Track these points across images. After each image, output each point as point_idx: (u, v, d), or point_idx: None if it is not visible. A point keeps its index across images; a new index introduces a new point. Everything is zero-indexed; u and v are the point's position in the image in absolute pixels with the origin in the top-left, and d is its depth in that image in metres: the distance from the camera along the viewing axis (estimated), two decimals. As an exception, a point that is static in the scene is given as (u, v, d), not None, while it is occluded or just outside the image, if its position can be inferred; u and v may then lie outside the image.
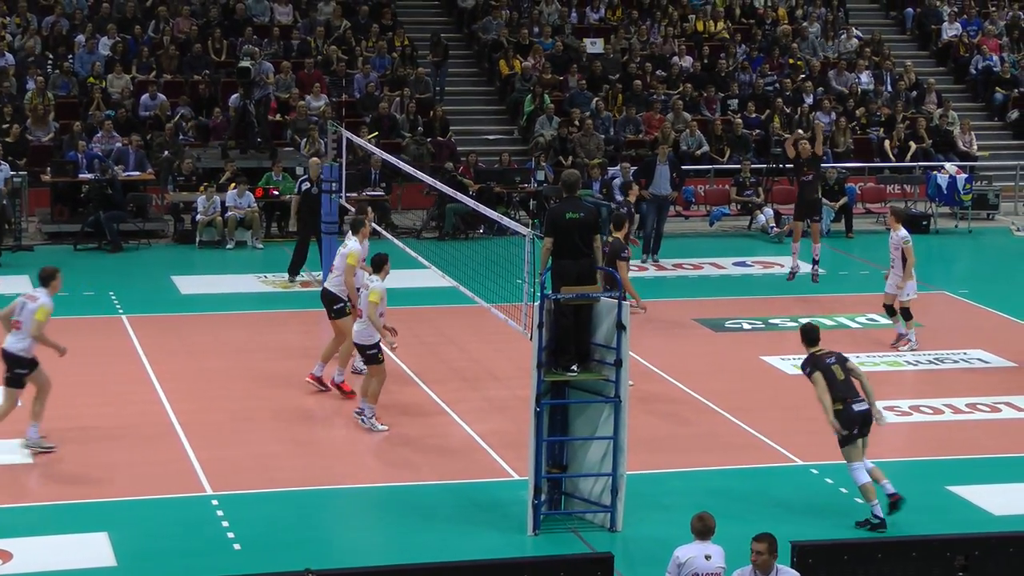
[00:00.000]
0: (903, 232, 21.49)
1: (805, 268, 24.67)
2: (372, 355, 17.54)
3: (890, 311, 21.87)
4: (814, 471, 16.73)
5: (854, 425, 15.06)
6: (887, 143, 34.44)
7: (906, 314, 21.60)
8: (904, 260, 21.35)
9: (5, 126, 30.09)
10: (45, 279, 16.83)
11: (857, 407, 15.09)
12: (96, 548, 14.32)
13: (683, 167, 30.21)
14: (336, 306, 18.79)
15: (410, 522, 15.15)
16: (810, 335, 15.66)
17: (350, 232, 19.14)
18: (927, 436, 18.38)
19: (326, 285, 19.16)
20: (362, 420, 17.69)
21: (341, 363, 18.96)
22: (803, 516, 15.44)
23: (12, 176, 28.12)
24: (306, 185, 25.06)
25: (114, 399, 18.94)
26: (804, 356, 15.67)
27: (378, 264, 17.59)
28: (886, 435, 17.76)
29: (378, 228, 25.81)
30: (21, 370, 16.71)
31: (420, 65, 34.95)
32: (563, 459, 15.32)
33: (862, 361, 20.91)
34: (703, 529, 12.02)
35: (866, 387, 15.30)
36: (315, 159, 25.92)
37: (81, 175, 28.86)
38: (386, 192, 30.15)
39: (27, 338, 16.58)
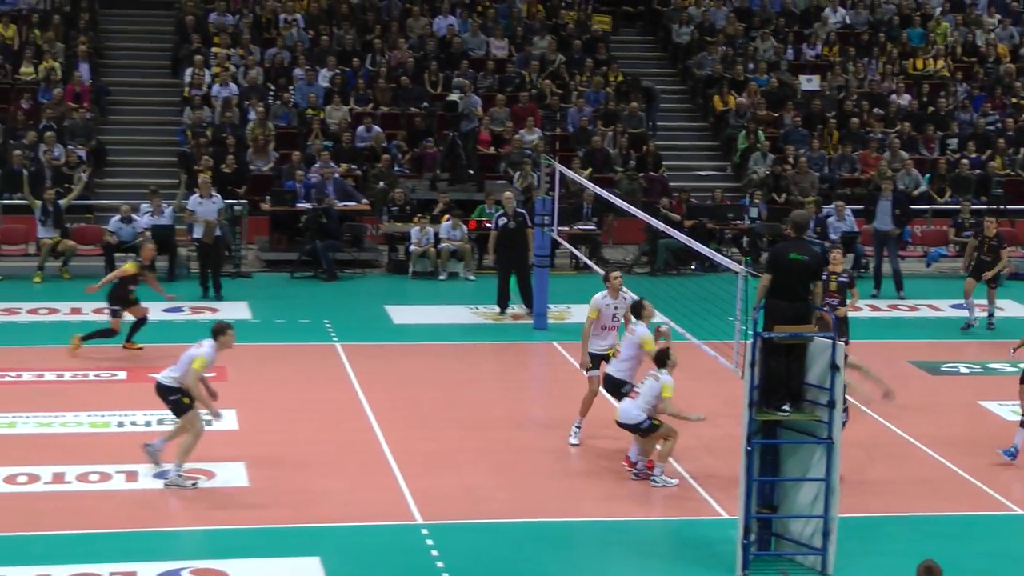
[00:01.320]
0: None
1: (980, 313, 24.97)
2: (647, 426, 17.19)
3: None
4: (1035, 520, 16.34)
5: None
6: (1112, 185, 33.58)
7: None
8: None
9: (229, 157, 30.85)
10: (215, 332, 17.03)
11: None
12: (309, 572, 14.50)
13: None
14: None
15: (619, 558, 15.11)
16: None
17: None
18: None
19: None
20: (653, 481, 17.16)
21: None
22: (1022, 567, 15.07)
23: (232, 205, 28.82)
24: (503, 220, 25.25)
25: (328, 425, 19.24)
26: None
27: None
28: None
29: (588, 262, 25.98)
30: (175, 395, 16.94)
31: (634, 101, 35.01)
32: (774, 499, 15.12)
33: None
34: None
35: None
36: (508, 194, 26.19)
37: (299, 204, 29.48)
38: (597, 226, 30.24)
39: (177, 373, 16.87)
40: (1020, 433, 17.95)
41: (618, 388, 17.66)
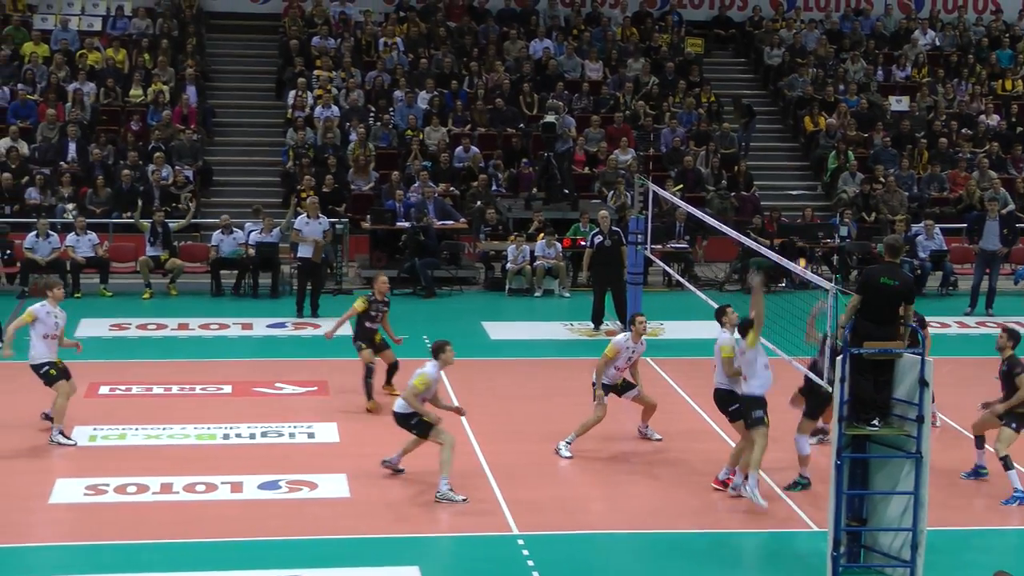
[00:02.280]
0: None
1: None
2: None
3: None
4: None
5: None
6: None
7: None
8: None
9: (330, 177, 31.52)
10: (435, 351, 17.48)
11: None
12: (408, 581, 14.86)
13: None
14: None
15: (710, 569, 15.37)
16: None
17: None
18: None
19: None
20: (745, 490, 17.17)
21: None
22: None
23: (334, 224, 29.43)
24: (599, 238, 25.64)
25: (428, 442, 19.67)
26: None
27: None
28: None
29: (681, 280, 26.38)
30: (414, 419, 17.47)
31: (726, 121, 35.40)
32: (863, 512, 15.32)
33: None
34: None
35: None
36: (604, 212, 26.55)
37: (399, 223, 30.05)
38: (690, 244, 30.62)
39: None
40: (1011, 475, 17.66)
41: (727, 403, 17.73)
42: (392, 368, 21.06)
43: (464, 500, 16.93)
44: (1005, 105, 36.85)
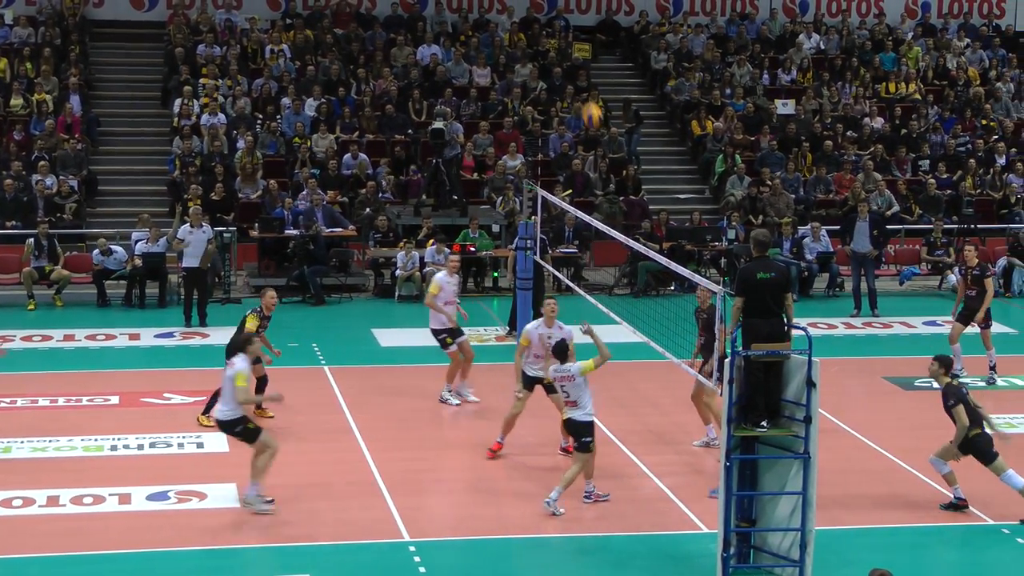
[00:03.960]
0: None
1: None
2: None
3: None
4: (1005, 531, 16.70)
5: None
6: (1084, 203, 34.24)
7: None
8: None
9: (218, 185, 31.30)
10: (241, 346, 17.28)
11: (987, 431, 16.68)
12: (300, 590, 14.83)
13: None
14: None
15: (601, 573, 15.42)
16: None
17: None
18: None
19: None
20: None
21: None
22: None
23: (222, 232, 29.25)
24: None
25: (316, 446, 19.59)
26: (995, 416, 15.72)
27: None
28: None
29: (572, 285, 26.46)
30: (239, 427, 16.96)
31: (613, 126, 35.57)
32: (752, 513, 15.45)
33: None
34: None
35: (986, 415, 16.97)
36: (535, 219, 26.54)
37: (287, 231, 29.90)
38: (580, 249, 30.72)
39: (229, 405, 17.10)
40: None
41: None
42: (262, 384, 20.31)
43: (270, 503, 16.81)
44: (889, 107, 37.34)
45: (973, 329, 23.28)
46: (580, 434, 17.07)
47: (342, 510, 17.23)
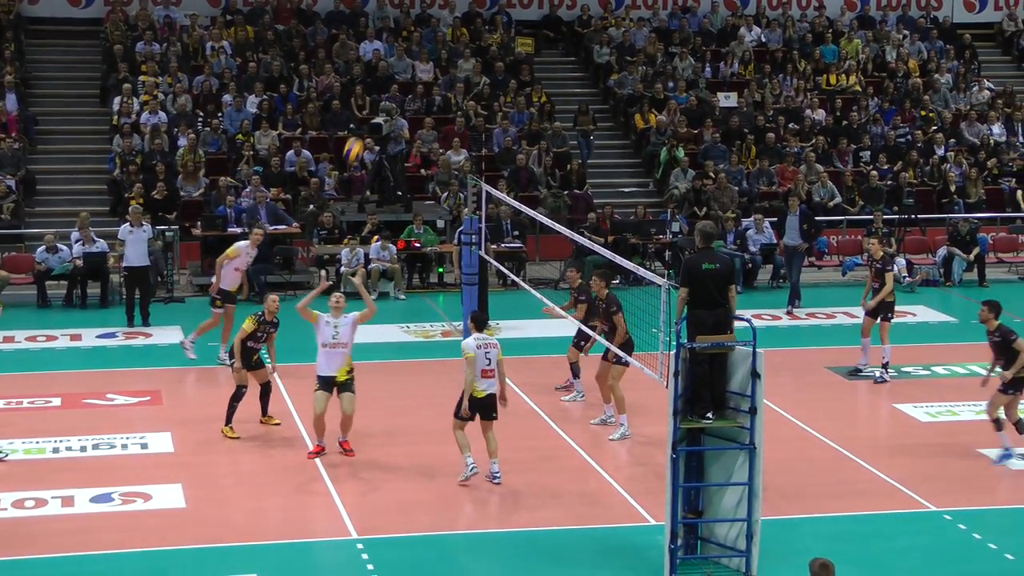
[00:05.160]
0: None
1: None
2: None
3: None
4: (947, 517, 16.84)
5: None
6: (1019, 193, 34.57)
7: None
8: None
9: (160, 184, 31.12)
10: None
11: None
12: (247, 589, 14.81)
13: (816, 218, 30.44)
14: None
15: (549, 567, 15.44)
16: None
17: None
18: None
19: None
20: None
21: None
22: (936, 562, 15.63)
23: (163, 231, 29.11)
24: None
25: (263, 444, 19.54)
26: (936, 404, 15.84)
27: None
28: (1019, 482, 17.99)
29: (516, 279, 26.48)
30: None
31: (558, 120, 35.60)
32: (699, 505, 15.52)
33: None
34: None
35: None
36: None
37: (230, 229, 29.74)
38: (520, 243, 30.71)
39: None
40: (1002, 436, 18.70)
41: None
42: (265, 391, 20.30)
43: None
44: (830, 100, 37.53)
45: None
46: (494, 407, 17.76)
47: (289, 508, 17.22)
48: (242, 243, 23.40)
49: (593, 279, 19.80)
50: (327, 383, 18.83)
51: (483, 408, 17.74)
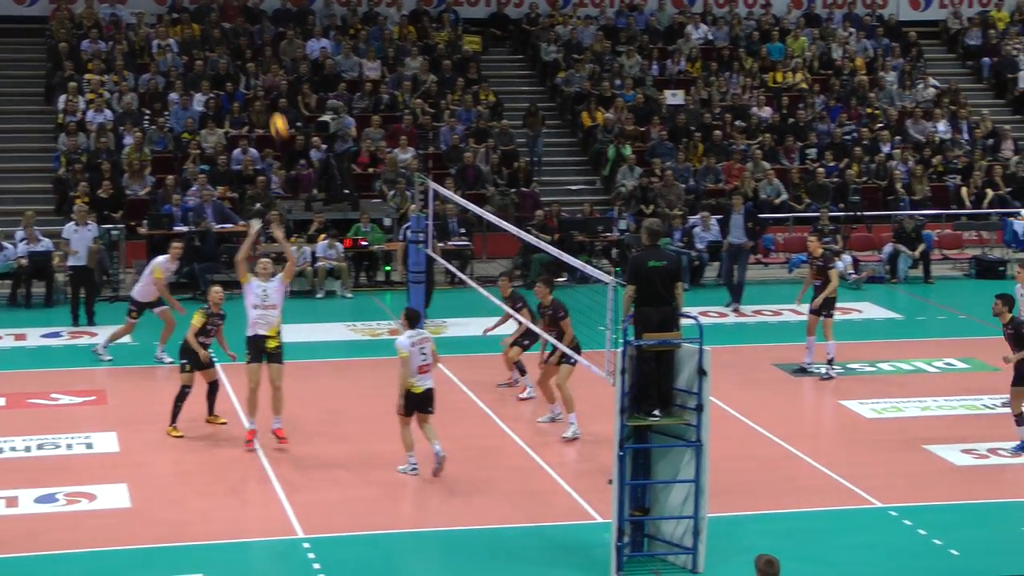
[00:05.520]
0: None
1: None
2: None
3: None
4: (893, 513, 16.93)
5: None
6: (964, 190, 34.77)
7: None
8: None
9: (105, 182, 30.95)
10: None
11: None
12: (193, 590, 14.77)
13: (762, 215, 30.58)
14: None
15: (495, 565, 15.46)
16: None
17: None
18: (1004, 478, 18.52)
19: None
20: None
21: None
22: (882, 558, 15.69)
23: (109, 230, 28.96)
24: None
25: (209, 444, 19.48)
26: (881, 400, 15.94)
27: None
28: (964, 477, 18.13)
29: (463, 276, 26.48)
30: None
31: (506, 118, 35.60)
32: (646, 502, 15.54)
33: (940, 405, 21.35)
34: (772, 574, 11.60)
35: None
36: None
37: (176, 228, 29.61)
38: (467, 241, 30.70)
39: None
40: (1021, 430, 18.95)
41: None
42: (212, 390, 20.22)
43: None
44: (777, 97, 37.66)
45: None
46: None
47: (235, 508, 17.21)
48: (161, 259, 23.41)
49: (537, 286, 19.79)
50: (257, 347, 19.08)
51: (420, 403, 17.91)
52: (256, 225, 20.24)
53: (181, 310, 23.22)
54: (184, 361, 19.79)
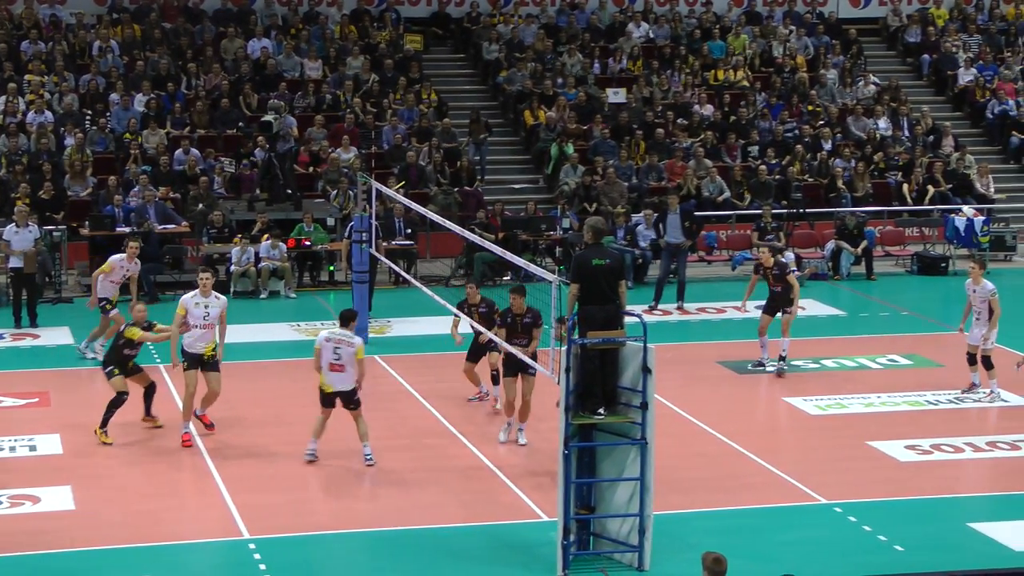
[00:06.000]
0: (991, 285, 21.53)
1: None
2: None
3: (971, 360, 21.76)
4: (838, 509, 17.04)
5: None
6: (905, 187, 34.98)
7: (987, 363, 21.56)
8: (991, 311, 21.40)
9: (47, 183, 30.75)
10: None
11: None
12: (139, 593, 14.71)
13: (704, 213, 30.68)
14: None
15: (442, 564, 15.47)
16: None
17: None
18: (948, 474, 18.67)
19: None
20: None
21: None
22: (827, 554, 15.79)
23: (51, 231, 28.77)
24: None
25: (153, 445, 19.40)
26: (825, 397, 16.05)
27: None
28: (908, 473, 18.27)
29: (407, 276, 26.46)
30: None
31: (448, 117, 35.60)
32: (591, 500, 15.58)
33: (883, 401, 21.50)
34: (719, 572, 11.60)
35: None
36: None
37: (118, 229, 29.45)
38: (412, 241, 30.67)
39: None
40: None
41: None
42: (149, 392, 20.10)
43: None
44: (718, 95, 37.78)
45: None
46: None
47: (180, 509, 17.18)
48: (116, 257, 23.29)
49: (513, 297, 19.26)
50: (194, 360, 19.41)
51: (341, 399, 18.47)
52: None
53: (91, 307, 23.31)
54: (111, 367, 19.66)
